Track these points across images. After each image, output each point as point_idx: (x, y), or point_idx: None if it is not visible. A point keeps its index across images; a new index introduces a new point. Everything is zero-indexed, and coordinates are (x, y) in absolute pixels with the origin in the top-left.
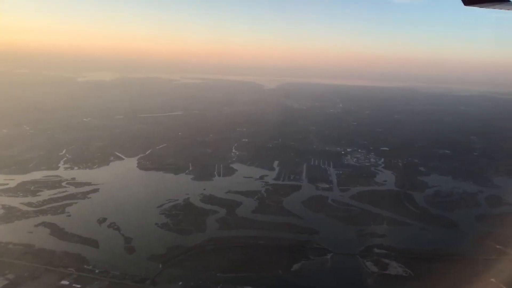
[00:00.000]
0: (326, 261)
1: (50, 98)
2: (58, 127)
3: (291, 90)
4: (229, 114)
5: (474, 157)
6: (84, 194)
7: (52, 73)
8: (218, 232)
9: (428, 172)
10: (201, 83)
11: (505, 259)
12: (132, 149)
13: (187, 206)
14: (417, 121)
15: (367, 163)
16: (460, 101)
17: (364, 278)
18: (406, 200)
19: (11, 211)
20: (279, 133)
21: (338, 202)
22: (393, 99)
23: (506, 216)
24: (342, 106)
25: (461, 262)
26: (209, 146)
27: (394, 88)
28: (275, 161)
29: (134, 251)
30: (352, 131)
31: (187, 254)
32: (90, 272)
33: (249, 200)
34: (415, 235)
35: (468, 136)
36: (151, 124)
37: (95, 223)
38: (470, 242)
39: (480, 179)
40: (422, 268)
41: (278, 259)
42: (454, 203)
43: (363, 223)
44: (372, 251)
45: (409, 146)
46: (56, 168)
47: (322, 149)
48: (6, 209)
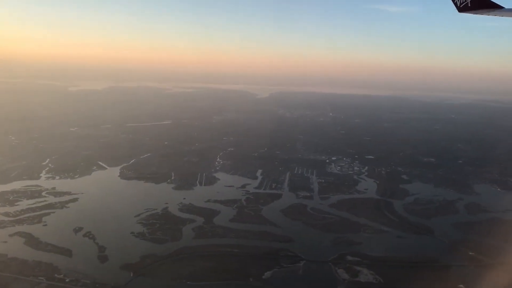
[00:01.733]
0: (298, 269)
1: (39, 107)
2: (43, 136)
3: (283, 99)
4: (218, 123)
5: (458, 165)
6: (62, 203)
7: (43, 82)
8: (193, 241)
9: (411, 180)
10: (193, 92)
11: (476, 266)
12: (115, 159)
13: (165, 215)
14: (405, 130)
15: (350, 172)
16: (451, 109)
17: (334, 285)
18: (385, 208)
19: None
20: (266, 142)
21: (317, 210)
22: (384, 107)
23: (482, 223)
24: (332, 114)
25: (433, 268)
26: (193, 155)
27: (387, 96)
28: (259, 170)
29: (107, 260)
30: (339, 140)
31: (160, 263)
32: (60, 281)
33: (228, 209)
34: (390, 242)
35: (454, 144)
36: (138, 134)
37: (70, 232)
38: (444, 249)
39: (461, 186)
40: (393, 275)
41: (250, 267)
42: (433, 210)
43: (339, 231)
44: (345, 258)
45: (395, 154)
46: (37, 177)
47: (307, 157)
48: None
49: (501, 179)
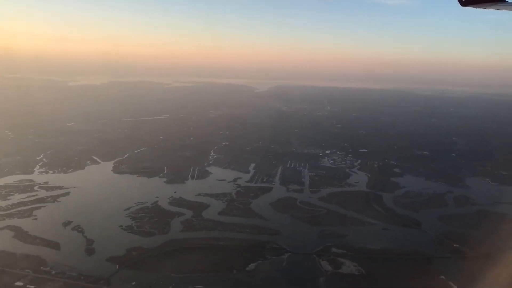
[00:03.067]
0: (282, 261)
1: (38, 102)
2: (40, 131)
3: (281, 93)
4: (215, 117)
5: (451, 158)
6: (54, 197)
7: (43, 78)
8: (181, 234)
9: (402, 173)
10: (193, 86)
11: (459, 258)
12: (109, 153)
13: (155, 209)
14: (402, 123)
15: (343, 165)
16: (450, 102)
17: (316, 276)
18: (374, 201)
19: None
20: (261, 136)
21: (306, 204)
22: (383, 101)
23: (469, 216)
24: (330, 108)
25: (416, 260)
26: (188, 150)
27: (386, 90)
28: (252, 164)
29: (94, 252)
30: (334, 134)
31: (145, 256)
32: (46, 273)
33: (217, 202)
34: (376, 235)
35: (450, 137)
36: (134, 128)
37: (60, 226)
38: (429, 241)
39: (452, 179)
40: (376, 267)
41: (235, 259)
42: (421, 203)
43: (326, 223)
44: (330, 250)
45: (389, 147)
46: (31, 172)
47: (301, 151)
48: None
49: (493, 172)
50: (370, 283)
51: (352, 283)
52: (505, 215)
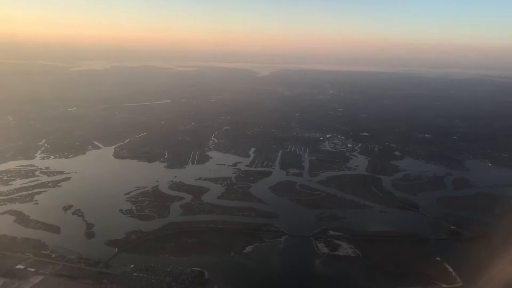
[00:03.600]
0: (279, 243)
1: (40, 88)
2: (41, 117)
3: (284, 77)
4: (216, 102)
5: (452, 141)
6: (55, 182)
7: (46, 63)
8: (180, 217)
9: (403, 156)
10: (196, 71)
11: (455, 239)
12: (111, 138)
13: (155, 193)
14: (404, 106)
15: (343, 149)
16: (454, 85)
17: (313, 258)
18: (373, 184)
19: None
20: (262, 120)
21: (305, 187)
22: (386, 84)
23: (467, 198)
24: (332, 92)
25: (413, 242)
26: (188, 135)
27: (391, 73)
28: (252, 148)
29: (93, 236)
30: (335, 117)
31: (145, 239)
32: (46, 256)
33: (217, 186)
34: (373, 217)
35: (452, 120)
36: (135, 113)
37: (60, 210)
38: (426, 223)
39: (452, 162)
40: (372, 249)
41: (233, 242)
42: (420, 186)
43: (324, 206)
44: (327, 233)
45: (390, 131)
46: (32, 157)
47: (302, 135)
48: None
49: (493, 154)
50: (366, 264)
51: (349, 265)
52: (504, 197)
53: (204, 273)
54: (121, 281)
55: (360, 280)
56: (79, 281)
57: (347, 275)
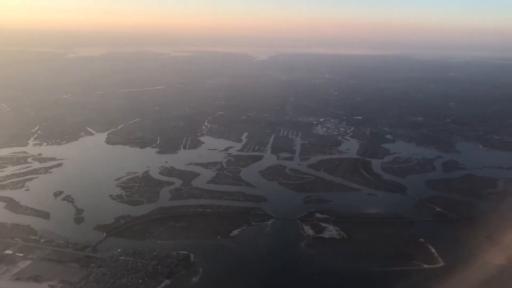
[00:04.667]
0: (266, 226)
1: (36, 75)
2: (36, 104)
3: (281, 61)
4: (211, 87)
5: (445, 123)
6: (46, 169)
7: (42, 50)
8: (169, 202)
9: (394, 139)
10: (192, 56)
11: (441, 221)
12: (104, 124)
13: (145, 179)
14: (399, 89)
15: (336, 133)
16: (452, 67)
17: (298, 241)
18: (362, 167)
19: None
20: (256, 105)
21: (295, 171)
22: (383, 67)
23: (455, 180)
24: (328, 76)
25: (398, 224)
26: (182, 120)
27: (388, 56)
28: (245, 133)
29: (82, 221)
30: (330, 101)
31: (133, 223)
32: (35, 241)
33: (208, 171)
34: (360, 200)
35: (446, 102)
36: (129, 99)
37: (50, 196)
38: (413, 206)
39: (443, 145)
40: (357, 231)
41: (220, 225)
42: (409, 168)
43: (313, 190)
44: (313, 216)
45: (384, 114)
46: (25, 144)
47: (295, 120)
48: None
49: (485, 137)
50: (350, 246)
51: (333, 247)
52: (492, 179)
53: (190, 256)
54: (108, 264)
55: (343, 261)
56: (66, 265)
57: (331, 256)
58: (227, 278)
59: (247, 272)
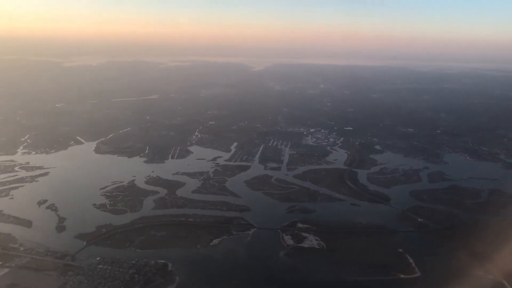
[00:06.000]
0: (247, 236)
1: (31, 83)
2: (28, 113)
3: (277, 72)
4: (205, 97)
5: (435, 135)
6: (33, 177)
7: (40, 59)
8: (152, 211)
9: (383, 150)
10: (188, 65)
11: (422, 231)
12: (94, 134)
13: (130, 188)
14: (392, 100)
15: (325, 143)
16: (447, 78)
17: (278, 250)
18: (348, 177)
19: None
20: (249, 115)
21: (281, 181)
22: (379, 78)
23: (439, 191)
24: (323, 86)
25: (378, 234)
26: (173, 129)
27: (384, 67)
28: (234, 142)
29: (64, 230)
30: (322, 112)
31: (114, 232)
32: (14, 250)
33: (193, 180)
34: (344, 210)
35: (438, 113)
36: (122, 109)
37: (34, 205)
38: (395, 216)
39: (431, 156)
40: (338, 241)
41: (200, 235)
42: (395, 179)
43: (296, 200)
44: (295, 225)
45: (374, 125)
46: (14, 153)
47: (286, 130)
48: None
49: (473, 148)
50: (329, 255)
51: (312, 256)
52: (475, 190)
53: (168, 265)
54: (86, 273)
55: (320, 270)
56: (44, 273)
57: (309, 266)
58: (204, 287)
59: (224, 280)
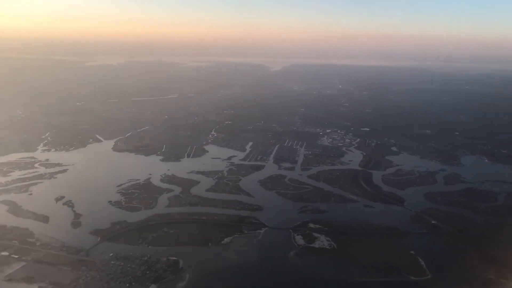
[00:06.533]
0: (258, 235)
1: (53, 82)
2: (49, 111)
3: (296, 72)
4: (222, 96)
5: (453, 137)
6: (51, 174)
7: (62, 58)
8: (165, 209)
9: (399, 151)
10: (208, 65)
11: (434, 233)
12: (113, 132)
13: (146, 185)
14: (411, 101)
15: (340, 144)
16: (467, 80)
17: (288, 250)
18: (362, 178)
19: None
20: (265, 115)
21: (294, 181)
22: (397, 79)
23: (455, 194)
24: (341, 87)
25: (390, 236)
26: (189, 129)
27: (404, 67)
28: (250, 142)
29: (79, 225)
30: (339, 112)
31: (128, 229)
32: (31, 244)
33: (208, 179)
34: (356, 211)
35: (457, 115)
36: (141, 108)
37: (52, 201)
38: (408, 218)
39: (448, 158)
40: (348, 241)
41: (212, 233)
42: (410, 181)
43: (309, 200)
44: (306, 226)
45: (392, 126)
46: (34, 150)
47: (302, 130)
48: None
49: (492, 150)
50: (339, 256)
51: (322, 256)
52: (492, 193)
53: (179, 262)
54: (98, 268)
55: (329, 270)
56: (58, 267)
57: (318, 266)
58: (213, 284)
59: (233, 278)
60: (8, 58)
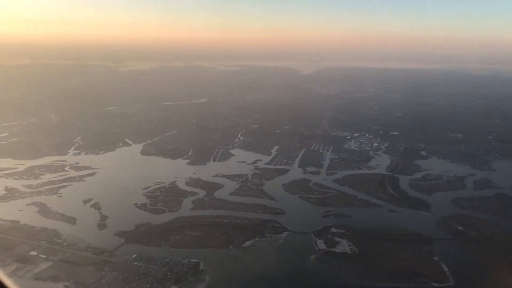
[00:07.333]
0: (279, 239)
1: (87, 87)
2: (81, 115)
3: (326, 75)
4: (251, 100)
5: (486, 141)
6: (81, 177)
7: (96, 64)
8: (189, 212)
9: (428, 156)
10: (237, 69)
11: (460, 240)
12: (141, 136)
13: (171, 189)
14: (444, 105)
15: (368, 148)
16: (503, 83)
17: (309, 254)
18: (389, 183)
19: (11, 192)
20: (292, 118)
21: (319, 185)
22: (431, 81)
23: (484, 199)
24: (371, 90)
25: (414, 241)
26: (216, 133)
27: (438, 70)
28: (276, 146)
29: (105, 227)
30: (369, 116)
31: (152, 231)
32: (58, 244)
33: (232, 183)
34: (381, 216)
35: (491, 119)
36: (170, 112)
37: (80, 203)
38: (433, 223)
39: (478, 163)
40: (371, 247)
41: (234, 236)
42: (438, 186)
43: (333, 204)
44: (329, 230)
45: (422, 130)
46: (65, 153)
47: (329, 134)
48: (7, 190)
49: None
50: (360, 261)
51: (343, 261)
52: None
53: (200, 264)
54: (121, 269)
55: (350, 275)
56: (83, 267)
57: (339, 271)
58: (232, 286)
59: (253, 281)
60: (43, 64)
